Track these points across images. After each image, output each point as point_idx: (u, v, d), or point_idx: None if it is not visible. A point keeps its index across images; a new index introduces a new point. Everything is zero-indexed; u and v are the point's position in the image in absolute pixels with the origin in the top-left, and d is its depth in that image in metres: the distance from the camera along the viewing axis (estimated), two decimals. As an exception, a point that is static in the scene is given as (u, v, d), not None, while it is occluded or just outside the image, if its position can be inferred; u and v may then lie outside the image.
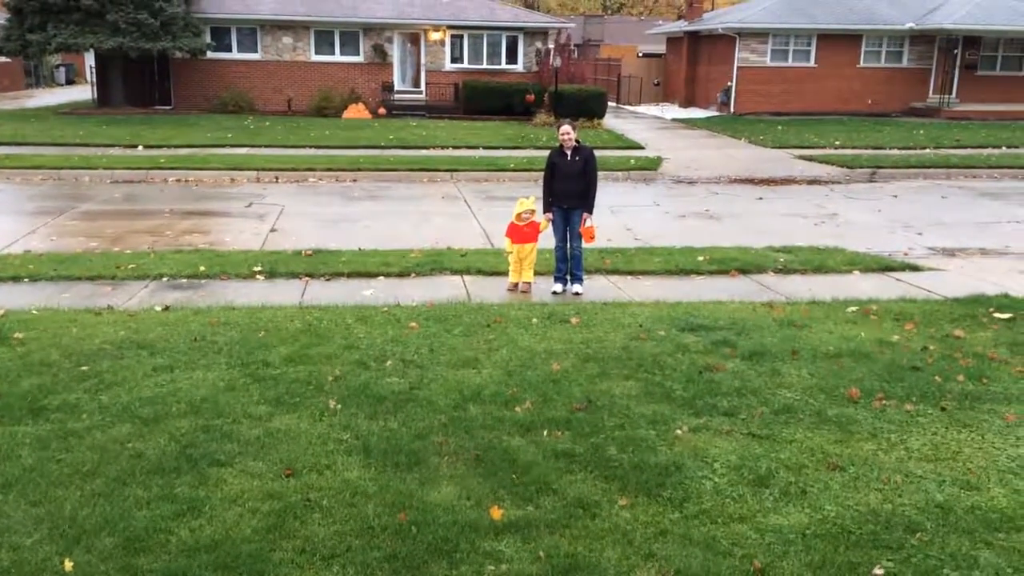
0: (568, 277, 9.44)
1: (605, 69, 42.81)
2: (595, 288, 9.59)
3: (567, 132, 9.01)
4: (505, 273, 9.81)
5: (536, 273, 9.63)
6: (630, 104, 39.28)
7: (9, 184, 16.58)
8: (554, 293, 9.32)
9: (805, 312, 8.50)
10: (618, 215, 14.41)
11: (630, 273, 10.23)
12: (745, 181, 18.67)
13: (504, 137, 23.78)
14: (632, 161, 19.90)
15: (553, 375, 6.57)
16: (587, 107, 27.06)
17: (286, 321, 7.80)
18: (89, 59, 34.58)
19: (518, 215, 9.28)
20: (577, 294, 9.27)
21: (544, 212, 9.40)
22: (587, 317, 8.16)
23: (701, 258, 10.80)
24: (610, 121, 29.28)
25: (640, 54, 45.01)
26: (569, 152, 9.08)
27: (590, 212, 9.17)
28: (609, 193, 16.97)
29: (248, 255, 10.64)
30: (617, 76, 40.20)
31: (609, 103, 32.09)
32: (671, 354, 7.10)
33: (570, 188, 9.10)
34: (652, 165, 19.75)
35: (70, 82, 48.13)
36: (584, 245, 9.44)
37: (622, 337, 7.56)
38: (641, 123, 30.79)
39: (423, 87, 30.09)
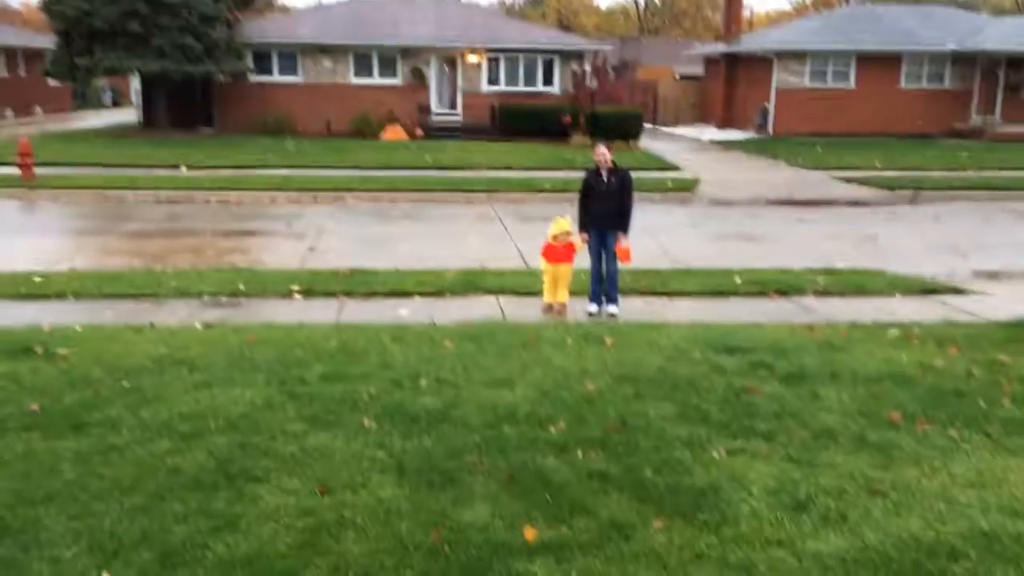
0: (603, 298, 9.43)
1: (641, 90, 42.80)
2: (630, 309, 9.56)
3: (603, 153, 9.06)
4: (540, 293, 9.81)
5: (571, 294, 9.62)
6: (666, 126, 39.23)
7: (57, 203, 16.97)
8: (589, 314, 9.31)
9: (845, 334, 8.38)
10: (654, 236, 14.36)
11: (666, 294, 10.20)
12: (784, 203, 18.54)
13: (540, 158, 23.85)
14: (668, 182, 19.86)
15: (587, 395, 6.53)
16: (623, 128, 27.11)
17: (322, 340, 7.85)
18: (135, 82, 35.37)
19: (554, 236, 9.29)
20: (612, 315, 9.26)
21: (579, 232, 9.43)
22: (622, 338, 8.12)
23: (739, 279, 10.72)
24: (646, 142, 29.26)
25: (677, 76, 44.98)
26: (605, 173, 9.10)
27: (625, 233, 9.18)
28: (645, 214, 16.89)
29: (286, 274, 10.76)
30: (653, 97, 40.20)
31: (645, 124, 32.10)
32: (707, 376, 7.03)
33: (606, 209, 9.13)
34: (688, 186, 19.69)
35: (116, 104, 49.27)
36: (620, 266, 9.43)
37: (657, 358, 7.50)
38: (677, 144, 30.72)
39: (460, 109, 30.33)
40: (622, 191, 9.08)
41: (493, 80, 30.38)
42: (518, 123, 28.61)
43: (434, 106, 30.24)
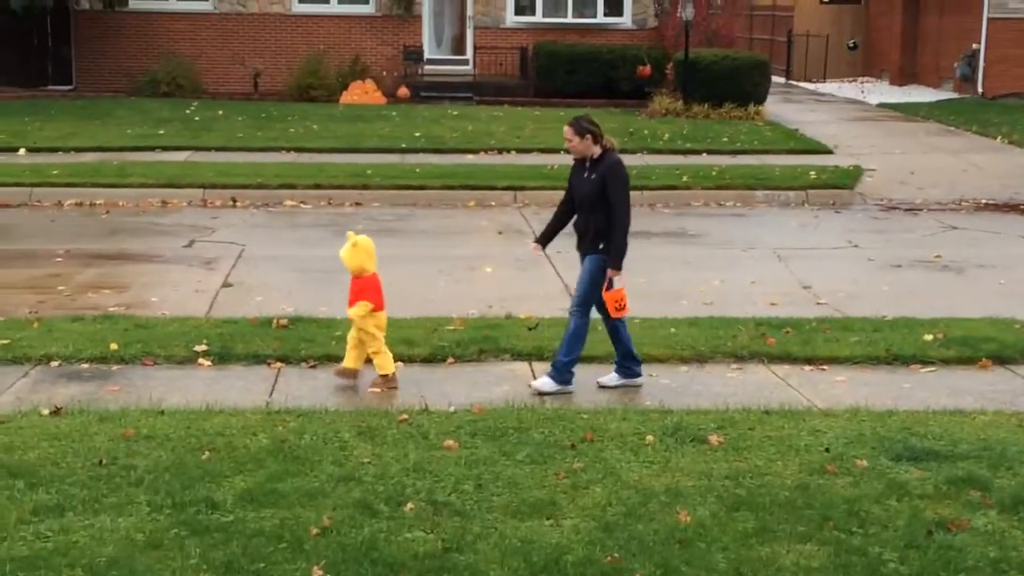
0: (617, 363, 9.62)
1: (767, 24, 42.85)
2: (749, 385, 9.53)
3: (568, 136, 9.21)
4: (598, 359, 9.87)
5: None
6: (808, 80, 39.22)
7: None
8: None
9: (1108, 430, 8.31)
10: (789, 263, 14.31)
11: (809, 361, 10.19)
12: (1005, 207, 18.46)
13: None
14: (812, 174, 19.84)
15: (680, 531, 6.52)
16: (736, 85, 27.10)
17: (245, 435, 7.89)
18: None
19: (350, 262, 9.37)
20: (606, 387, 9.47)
21: (534, 242, 9.90)
22: (737, 435, 8.11)
23: (929, 337, 10.68)
24: (776, 107, 29.27)
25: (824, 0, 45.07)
26: (588, 164, 9.28)
27: (615, 266, 9.20)
28: (772, 226, 16.91)
29: (187, 325, 10.80)
30: (787, 35, 40.24)
31: (774, 78, 32.10)
32: (879, 499, 7.00)
33: (583, 221, 9.39)
34: (846, 181, 19.63)
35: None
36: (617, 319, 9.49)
37: (795, 469, 7.49)
38: (827, 111, 30.61)
39: (470, 54, 30.48)
40: (600, 195, 9.14)
41: (524, 8, 30.56)
42: (564, 77, 28.62)
43: (428, 50, 30.40)
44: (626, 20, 30.52)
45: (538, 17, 30.42)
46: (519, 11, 30.47)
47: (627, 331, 9.51)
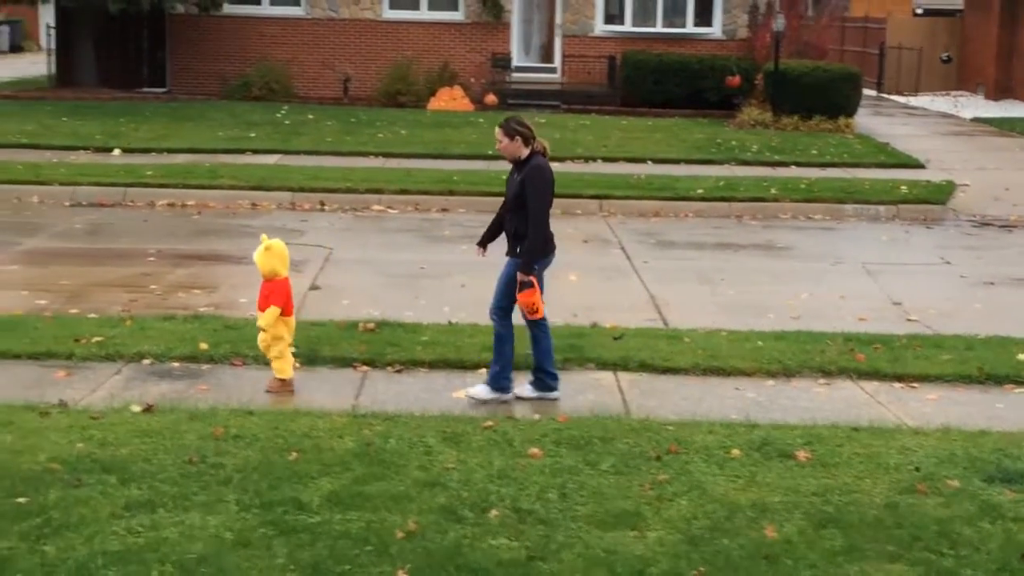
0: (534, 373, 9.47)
1: (858, 36, 42.46)
2: (837, 400, 9.45)
3: (498, 137, 9.35)
4: (681, 370, 9.94)
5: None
6: (900, 93, 38.81)
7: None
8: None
9: None
10: (879, 279, 14.15)
11: (898, 378, 10.07)
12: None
13: (689, 144, 23.71)
14: (903, 188, 19.62)
15: (766, 547, 6.48)
16: (826, 97, 26.87)
17: (331, 437, 7.97)
18: (46, 15, 36.73)
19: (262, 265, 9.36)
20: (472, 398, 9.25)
21: (477, 244, 9.87)
22: (825, 451, 8.03)
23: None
24: (866, 120, 28.99)
25: (918, 10, 44.58)
26: (517, 166, 9.35)
27: (522, 269, 9.17)
28: (862, 241, 16.74)
29: (275, 327, 11.00)
30: (879, 48, 39.83)
31: (865, 91, 31.80)
32: (971, 521, 6.90)
33: (508, 223, 9.47)
34: (938, 196, 19.38)
35: (16, 48, 51.33)
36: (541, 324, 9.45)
37: (884, 487, 7.40)
38: (919, 124, 30.27)
39: (558, 62, 30.52)
40: (521, 197, 9.20)
41: (613, 16, 30.55)
42: (652, 86, 28.60)
43: (517, 57, 30.51)
44: (716, 30, 30.43)
45: (627, 26, 30.43)
46: (608, 20, 30.51)
47: (549, 341, 9.44)
